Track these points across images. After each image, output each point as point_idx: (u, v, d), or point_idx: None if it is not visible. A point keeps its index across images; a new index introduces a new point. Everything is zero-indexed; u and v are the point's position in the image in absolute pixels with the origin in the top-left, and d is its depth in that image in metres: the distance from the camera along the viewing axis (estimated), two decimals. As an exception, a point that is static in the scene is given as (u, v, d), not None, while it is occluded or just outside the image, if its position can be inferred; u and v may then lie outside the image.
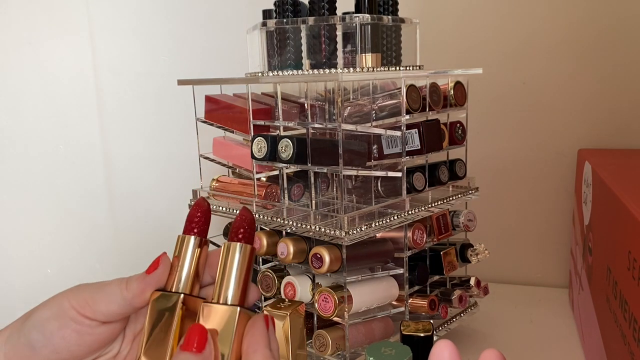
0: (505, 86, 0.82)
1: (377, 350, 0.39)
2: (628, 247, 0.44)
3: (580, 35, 0.78)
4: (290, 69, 0.60)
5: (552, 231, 0.84)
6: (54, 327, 0.31)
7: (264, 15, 0.64)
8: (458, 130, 0.65)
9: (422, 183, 0.61)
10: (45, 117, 0.94)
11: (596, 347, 0.56)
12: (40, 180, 0.95)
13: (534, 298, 0.80)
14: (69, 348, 0.32)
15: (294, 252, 0.56)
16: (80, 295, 0.32)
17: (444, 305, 0.63)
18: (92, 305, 0.32)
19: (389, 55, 0.61)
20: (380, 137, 0.59)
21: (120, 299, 0.32)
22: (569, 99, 0.80)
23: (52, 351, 0.32)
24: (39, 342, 0.31)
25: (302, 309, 0.51)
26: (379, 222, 0.55)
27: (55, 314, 0.31)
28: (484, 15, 0.81)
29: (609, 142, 0.79)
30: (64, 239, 0.97)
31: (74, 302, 0.32)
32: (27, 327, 0.32)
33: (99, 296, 0.32)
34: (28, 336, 0.32)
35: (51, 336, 0.31)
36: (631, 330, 0.42)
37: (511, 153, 0.84)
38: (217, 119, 0.66)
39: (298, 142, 0.55)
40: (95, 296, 0.32)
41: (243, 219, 0.35)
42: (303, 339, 0.50)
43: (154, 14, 0.93)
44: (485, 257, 0.66)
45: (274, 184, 0.63)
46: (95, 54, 0.94)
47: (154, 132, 0.96)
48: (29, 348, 0.31)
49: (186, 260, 0.35)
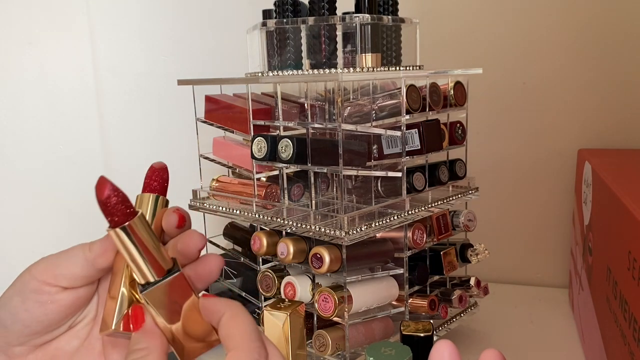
0: (505, 86, 0.82)
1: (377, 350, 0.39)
2: (628, 247, 0.44)
3: (580, 36, 0.78)
4: (290, 69, 0.60)
5: (552, 231, 0.84)
6: (17, 302, 0.32)
7: (264, 15, 0.64)
8: (458, 130, 0.65)
9: (422, 183, 0.61)
10: (45, 117, 0.94)
11: (596, 347, 0.56)
12: (40, 180, 0.95)
13: (534, 298, 0.80)
14: (36, 319, 0.33)
15: (294, 252, 0.56)
16: (42, 263, 0.32)
17: (444, 305, 0.63)
18: (53, 270, 0.32)
19: (389, 55, 0.61)
20: (380, 137, 0.59)
21: (82, 260, 0.32)
22: (569, 99, 0.80)
23: (23, 326, 0.32)
24: (8, 320, 0.32)
25: (302, 309, 0.51)
26: (379, 222, 0.55)
27: (18, 289, 0.32)
28: (484, 15, 0.81)
29: (609, 142, 0.79)
30: (64, 239, 0.96)
31: (34, 272, 0.32)
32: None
33: (60, 260, 0.32)
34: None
35: (16, 312, 0.32)
36: (631, 330, 0.42)
37: (511, 153, 0.84)
38: (217, 119, 0.66)
39: (298, 142, 0.55)
40: (56, 261, 0.32)
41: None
42: (303, 339, 0.50)
43: (154, 14, 0.93)
44: (485, 257, 0.66)
45: (274, 184, 0.63)
46: (95, 54, 0.94)
47: (154, 132, 0.96)
48: (2, 327, 0.32)
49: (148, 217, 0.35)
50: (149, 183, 0.36)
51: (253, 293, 0.64)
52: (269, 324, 0.48)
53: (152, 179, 0.36)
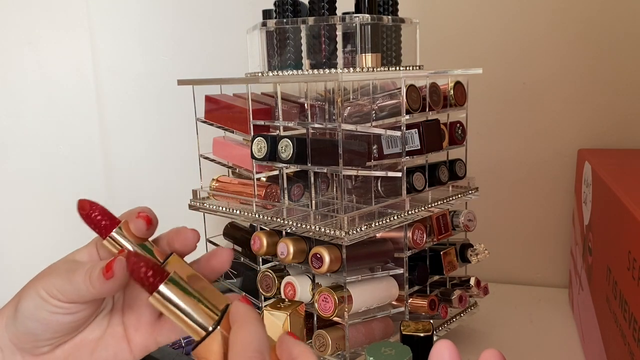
0: (505, 86, 0.82)
1: (377, 350, 0.39)
2: (628, 247, 0.44)
3: (580, 36, 0.78)
4: (290, 69, 0.60)
5: (552, 231, 0.84)
6: (45, 315, 0.33)
7: (264, 15, 0.64)
8: (458, 130, 0.65)
9: (422, 183, 0.61)
10: (45, 117, 0.94)
11: (596, 347, 0.56)
12: (40, 180, 0.95)
13: (534, 298, 0.80)
14: (67, 325, 0.34)
15: (294, 252, 0.56)
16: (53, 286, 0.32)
17: (444, 305, 0.63)
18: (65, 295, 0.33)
19: (389, 55, 0.61)
20: (380, 137, 0.59)
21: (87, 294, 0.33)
22: (569, 99, 0.80)
23: (53, 332, 0.33)
24: (39, 329, 0.33)
25: (302, 309, 0.51)
26: (379, 222, 0.55)
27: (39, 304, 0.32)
28: (484, 15, 0.81)
29: (609, 142, 0.79)
30: (64, 239, 0.97)
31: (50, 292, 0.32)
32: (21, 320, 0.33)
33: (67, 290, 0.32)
34: (26, 326, 0.33)
35: (47, 323, 0.33)
36: (631, 330, 0.42)
37: (511, 153, 0.84)
38: (217, 119, 0.66)
39: (298, 142, 0.55)
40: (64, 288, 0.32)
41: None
42: (303, 339, 0.50)
43: (154, 14, 0.93)
44: (485, 257, 0.66)
45: (274, 184, 0.63)
46: (95, 54, 0.94)
47: (154, 132, 0.96)
48: (32, 335, 0.33)
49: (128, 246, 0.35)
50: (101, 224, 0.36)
51: (253, 293, 0.64)
52: (269, 324, 0.49)
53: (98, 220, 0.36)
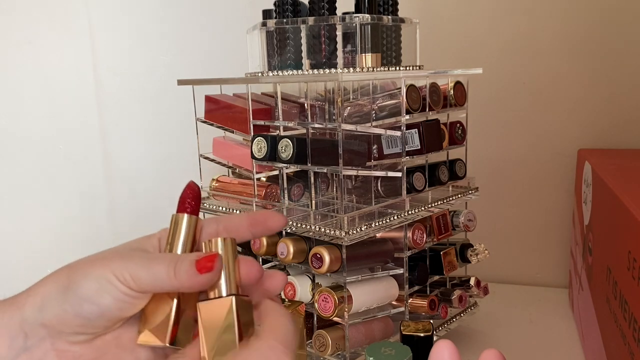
0: (505, 86, 0.82)
1: (377, 350, 0.39)
2: (628, 247, 0.44)
3: (580, 36, 0.78)
4: (290, 69, 0.60)
5: (552, 231, 0.84)
6: (108, 300, 0.30)
7: (264, 15, 0.64)
8: (458, 130, 0.65)
9: (422, 183, 0.61)
10: (45, 117, 0.94)
11: (596, 347, 0.56)
12: (40, 180, 0.95)
13: (534, 298, 0.80)
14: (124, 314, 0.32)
15: (294, 252, 0.56)
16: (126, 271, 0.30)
17: (444, 305, 0.63)
18: (137, 282, 0.30)
19: (389, 55, 0.61)
20: (380, 137, 0.59)
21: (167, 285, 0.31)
22: (569, 99, 0.80)
23: (107, 320, 0.31)
24: (94, 314, 0.30)
25: (302, 309, 0.51)
26: (379, 222, 0.55)
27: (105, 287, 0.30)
28: (484, 15, 0.81)
29: (609, 142, 0.79)
30: (64, 239, 0.97)
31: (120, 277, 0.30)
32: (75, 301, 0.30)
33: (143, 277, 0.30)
34: (80, 309, 0.30)
35: (108, 309, 0.30)
36: (631, 330, 0.42)
37: (511, 153, 0.84)
38: (217, 119, 0.66)
39: (298, 142, 0.55)
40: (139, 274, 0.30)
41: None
42: (303, 339, 0.50)
43: (154, 14, 0.93)
44: (485, 257, 0.66)
45: (274, 184, 0.63)
46: (95, 54, 0.94)
47: (154, 132, 0.96)
48: (83, 319, 0.30)
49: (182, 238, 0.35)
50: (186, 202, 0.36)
51: (253, 293, 0.64)
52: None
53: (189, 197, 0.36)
